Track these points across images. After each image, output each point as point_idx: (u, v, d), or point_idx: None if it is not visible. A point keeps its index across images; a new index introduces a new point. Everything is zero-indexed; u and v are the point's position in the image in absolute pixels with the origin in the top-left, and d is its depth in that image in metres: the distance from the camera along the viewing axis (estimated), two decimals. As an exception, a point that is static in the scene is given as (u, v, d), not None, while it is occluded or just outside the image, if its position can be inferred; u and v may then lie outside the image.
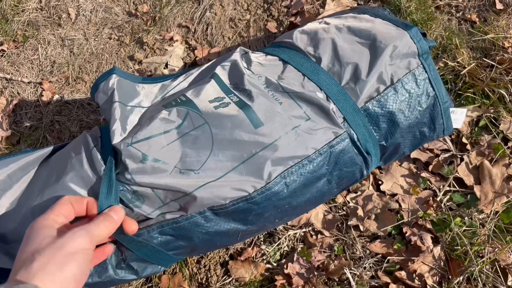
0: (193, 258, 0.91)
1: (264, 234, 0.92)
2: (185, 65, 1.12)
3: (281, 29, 1.10)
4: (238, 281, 0.88)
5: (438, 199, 0.89)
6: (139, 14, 1.17)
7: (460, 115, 0.82)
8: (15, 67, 1.15)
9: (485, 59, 0.99)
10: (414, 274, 0.83)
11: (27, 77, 1.15)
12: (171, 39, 1.14)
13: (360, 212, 0.90)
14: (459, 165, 0.91)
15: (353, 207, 0.91)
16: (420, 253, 0.84)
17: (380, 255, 0.87)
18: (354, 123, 0.70)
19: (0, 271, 0.67)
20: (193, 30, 1.15)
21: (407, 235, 0.87)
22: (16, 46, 1.17)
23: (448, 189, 0.91)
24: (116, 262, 0.68)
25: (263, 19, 1.12)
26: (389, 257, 0.86)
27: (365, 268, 0.86)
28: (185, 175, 0.62)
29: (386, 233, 0.89)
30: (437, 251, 0.84)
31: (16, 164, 0.72)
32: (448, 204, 0.89)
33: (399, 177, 0.93)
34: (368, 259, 0.86)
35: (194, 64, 1.12)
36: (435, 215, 0.88)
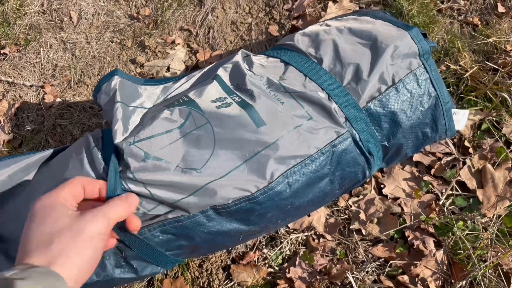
0: (195, 262, 0.90)
1: (266, 237, 0.92)
2: (187, 68, 1.12)
3: (283, 33, 1.10)
4: (240, 285, 0.87)
5: (440, 203, 0.89)
6: (141, 17, 1.18)
7: (462, 116, 0.82)
8: (17, 71, 1.16)
9: (488, 62, 0.99)
10: (416, 278, 0.83)
11: (29, 80, 1.15)
12: (173, 42, 1.14)
13: (362, 215, 0.90)
14: (461, 169, 0.91)
15: (355, 211, 0.91)
16: (422, 257, 0.84)
17: (382, 259, 0.87)
18: (356, 123, 0.70)
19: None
20: (195, 33, 1.15)
21: (409, 239, 0.86)
22: (18, 49, 1.18)
23: (450, 192, 0.90)
24: (115, 261, 0.67)
25: (264, 22, 1.12)
26: (391, 261, 0.85)
27: (367, 272, 0.85)
28: (187, 174, 0.62)
29: (388, 237, 0.88)
30: (440, 255, 0.84)
31: (17, 165, 0.73)
32: (450, 207, 0.89)
33: (401, 181, 0.92)
34: (370, 263, 0.86)
35: (196, 67, 1.12)
36: (437, 218, 0.87)
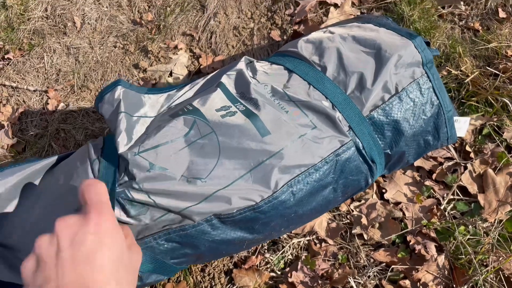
0: (197, 266, 0.91)
1: (268, 242, 0.92)
2: (190, 73, 1.13)
3: (285, 38, 1.11)
4: (242, 289, 0.88)
5: (442, 208, 0.89)
6: (143, 22, 1.18)
7: (463, 124, 0.83)
8: (21, 75, 1.16)
9: (489, 67, 0.99)
10: (418, 283, 0.83)
11: (32, 85, 1.15)
12: (176, 47, 1.15)
13: (364, 220, 0.90)
14: (462, 174, 0.92)
15: (357, 216, 0.91)
16: (424, 262, 0.84)
17: (384, 264, 0.87)
18: (359, 132, 0.70)
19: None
20: (197, 38, 1.16)
21: (411, 243, 0.87)
22: (22, 54, 1.18)
23: (452, 197, 0.91)
24: None
25: (266, 28, 1.13)
26: (393, 266, 0.86)
27: (369, 276, 0.86)
28: (192, 184, 0.62)
29: (390, 241, 0.89)
30: (441, 260, 0.84)
31: (21, 173, 0.72)
32: (452, 212, 0.89)
33: (403, 186, 0.93)
34: (372, 268, 0.86)
35: (198, 72, 1.13)
36: (439, 223, 0.88)
